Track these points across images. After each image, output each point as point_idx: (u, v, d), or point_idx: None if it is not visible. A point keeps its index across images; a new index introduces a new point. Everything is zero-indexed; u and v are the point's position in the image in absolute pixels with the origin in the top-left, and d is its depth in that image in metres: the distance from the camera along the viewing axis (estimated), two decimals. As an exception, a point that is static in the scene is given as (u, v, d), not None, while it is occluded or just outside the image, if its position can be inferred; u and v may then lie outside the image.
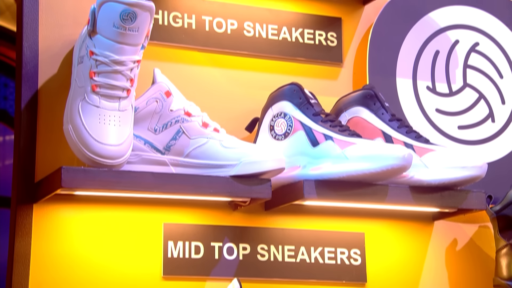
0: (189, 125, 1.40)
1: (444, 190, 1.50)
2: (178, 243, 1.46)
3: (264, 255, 1.51)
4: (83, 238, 1.41)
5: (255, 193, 1.39)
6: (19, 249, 1.37)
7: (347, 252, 1.55)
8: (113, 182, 1.31)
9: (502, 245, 1.56)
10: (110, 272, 1.42)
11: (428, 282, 1.60)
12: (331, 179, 1.43)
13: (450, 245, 1.64)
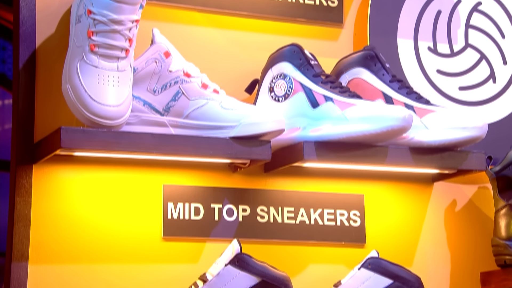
0: (189, 86, 1.39)
1: (444, 151, 1.50)
2: (178, 204, 1.46)
3: (264, 216, 1.51)
4: (83, 198, 1.41)
5: (255, 155, 1.39)
6: (19, 209, 1.37)
7: (347, 213, 1.56)
8: (112, 142, 1.31)
9: (501, 206, 1.56)
10: (110, 233, 1.42)
11: (427, 243, 1.60)
12: (331, 140, 1.42)
13: (449, 206, 1.64)
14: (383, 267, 1.42)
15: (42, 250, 1.38)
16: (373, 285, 1.41)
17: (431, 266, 1.60)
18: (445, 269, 1.61)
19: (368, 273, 1.42)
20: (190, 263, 1.46)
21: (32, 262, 1.37)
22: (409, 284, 1.42)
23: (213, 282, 1.33)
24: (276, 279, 1.34)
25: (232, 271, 1.33)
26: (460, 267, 1.62)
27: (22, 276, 1.35)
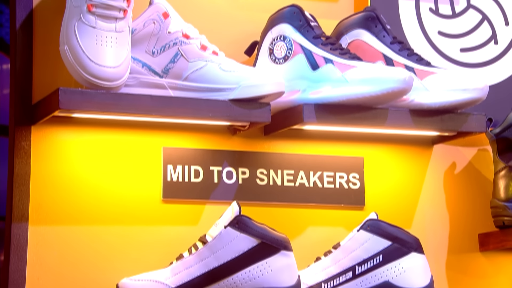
0: (188, 47, 1.38)
1: (445, 113, 1.49)
2: (177, 167, 1.46)
3: (263, 179, 1.51)
4: (82, 160, 1.41)
5: (254, 117, 1.38)
6: (19, 171, 1.37)
7: (346, 176, 1.56)
8: (111, 104, 1.30)
9: (500, 167, 1.56)
10: (110, 195, 1.42)
11: (426, 205, 1.61)
12: (330, 103, 1.42)
13: (449, 169, 1.64)
14: (382, 229, 1.42)
15: (42, 211, 1.38)
16: (372, 246, 1.42)
17: (429, 228, 1.61)
18: (443, 231, 1.62)
19: (367, 235, 1.42)
20: (189, 225, 1.46)
21: (32, 223, 1.37)
22: (407, 245, 1.42)
23: (213, 244, 1.34)
24: (275, 240, 1.34)
25: (232, 232, 1.34)
26: (458, 229, 1.63)
27: (23, 237, 1.35)
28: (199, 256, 1.33)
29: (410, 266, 1.41)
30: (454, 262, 1.61)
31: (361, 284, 1.41)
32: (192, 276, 1.33)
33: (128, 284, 1.32)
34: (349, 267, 1.41)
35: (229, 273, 1.32)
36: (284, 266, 1.34)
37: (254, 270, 1.32)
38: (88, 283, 1.38)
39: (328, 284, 1.41)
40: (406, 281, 1.41)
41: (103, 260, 1.40)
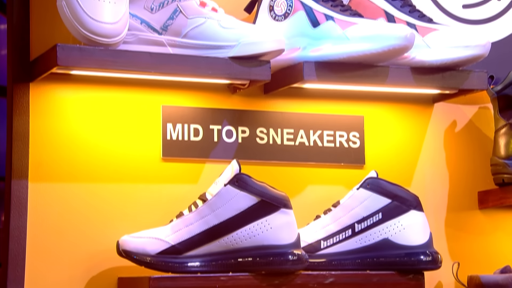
0: (187, 4, 1.37)
1: (446, 71, 1.48)
2: (177, 125, 1.46)
3: (263, 138, 1.51)
4: (81, 118, 1.41)
5: (254, 75, 1.38)
6: (18, 128, 1.37)
7: (346, 135, 1.55)
8: (110, 61, 1.29)
9: (501, 125, 1.56)
10: (109, 153, 1.42)
11: (426, 164, 1.61)
12: (331, 60, 1.41)
13: (449, 127, 1.64)
14: (382, 186, 1.42)
15: (41, 169, 1.38)
16: (372, 204, 1.42)
17: (429, 186, 1.61)
18: (443, 189, 1.62)
19: (367, 193, 1.42)
20: (189, 183, 1.46)
21: (32, 180, 1.37)
22: (407, 203, 1.42)
23: (213, 202, 1.34)
24: (275, 198, 1.34)
25: (232, 190, 1.34)
26: (458, 187, 1.63)
27: (23, 194, 1.36)
28: (199, 214, 1.33)
29: (409, 224, 1.41)
30: (453, 219, 1.62)
31: (360, 242, 1.41)
32: (192, 233, 1.33)
33: (128, 241, 1.33)
34: (348, 225, 1.42)
35: (229, 230, 1.33)
36: (284, 223, 1.34)
37: (254, 227, 1.33)
38: (88, 241, 1.39)
39: (327, 242, 1.41)
40: (405, 238, 1.41)
41: (103, 218, 1.40)
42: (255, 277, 1.33)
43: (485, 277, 1.51)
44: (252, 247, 1.32)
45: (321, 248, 1.41)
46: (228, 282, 1.31)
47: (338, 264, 1.40)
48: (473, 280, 1.52)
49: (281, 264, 1.32)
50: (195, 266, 1.32)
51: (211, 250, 1.32)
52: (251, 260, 1.32)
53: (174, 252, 1.32)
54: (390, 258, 1.41)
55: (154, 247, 1.32)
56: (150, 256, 1.32)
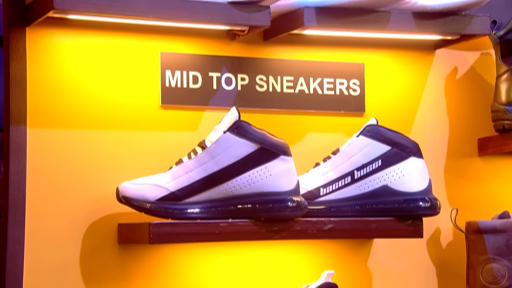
0: None
1: (448, 16, 1.47)
2: (175, 72, 1.45)
3: (263, 85, 1.50)
4: (79, 64, 1.40)
5: (254, 21, 1.36)
6: (15, 73, 1.36)
7: (346, 82, 1.54)
8: (106, 5, 1.28)
9: (503, 71, 1.55)
10: (107, 99, 1.41)
11: (426, 111, 1.60)
12: (332, 5, 1.39)
13: (451, 74, 1.63)
14: (382, 133, 1.42)
15: (40, 114, 1.37)
16: (371, 151, 1.41)
17: (429, 133, 1.60)
18: (443, 136, 1.61)
19: (367, 140, 1.42)
20: (188, 131, 1.46)
21: (30, 126, 1.37)
22: (406, 150, 1.42)
23: (212, 149, 1.33)
24: (275, 146, 1.34)
25: (231, 138, 1.33)
26: (458, 134, 1.62)
27: (21, 139, 1.35)
28: (199, 161, 1.33)
29: (409, 171, 1.41)
30: (452, 166, 1.61)
31: (359, 189, 1.41)
32: (192, 180, 1.33)
33: (128, 188, 1.32)
34: (348, 172, 1.42)
35: (229, 177, 1.32)
36: (283, 171, 1.34)
37: (253, 174, 1.32)
38: (88, 187, 1.39)
39: (327, 189, 1.41)
40: (404, 185, 1.41)
41: (102, 164, 1.40)
42: (255, 224, 1.33)
43: (483, 223, 1.51)
44: (252, 194, 1.32)
45: (321, 195, 1.41)
46: (227, 228, 1.32)
47: (337, 210, 1.40)
48: (471, 225, 1.53)
49: (281, 211, 1.32)
50: (195, 213, 1.32)
51: (211, 196, 1.32)
52: (251, 206, 1.32)
53: (174, 198, 1.32)
54: (389, 204, 1.41)
55: (153, 194, 1.32)
56: (150, 203, 1.32)
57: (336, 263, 1.51)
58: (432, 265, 1.58)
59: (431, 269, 1.58)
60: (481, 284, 1.49)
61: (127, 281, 1.40)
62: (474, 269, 1.51)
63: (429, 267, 1.58)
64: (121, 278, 1.39)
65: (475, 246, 1.51)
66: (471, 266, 1.52)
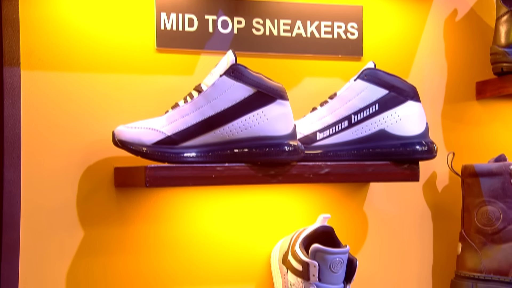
0: None
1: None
2: (171, 14, 1.43)
3: (259, 29, 1.48)
4: (73, 4, 1.38)
5: (250, -38, 1.34)
6: (7, 14, 1.33)
7: (344, 26, 1.53)
8: None
9: (503, 12, 1.53)
10: (102, 42, 1.40)
11: (424, 54, 1.59)
12: None
13: (450, 16, 1.61)
14: (379, 77, 1.41)
15: (33, 56, 1.36)
16: (369, 95, 1.41)
17: (427, 77, 1.59)
18: (441, 79, 1.60)
19: (364, 84, 1.41)
20: (184, 74, 1.44)
21: (24, 68, 1.35)
22: (404, 93, 1.41)
23: (208, 93, 1.32)
24: (271, 89, 1.33)
25: (227, 81, 1.32)
26: (456, 77, 1.61)
27: (15, 81, 1.34)
28: (195, 105, 1.32)
29: (406, 114, 1.41)
30: (450, 110, 1.61)
31: (356, 133, 1.41)
32: (188, 124, 1.32)
33: (123, 131, 1.32)
34: (345, 116, 1.41)
35: (225, 121, 1.32)
36: (280, 115, 1.33)
37: (250, 118, 1.32)
38: (84, 130, 1.38)
39: (323, 133, 1.41)
40: (401, 128, 1.41)
41: (97, 108, 1.39)
42: (251, 168, 1.33)
43: (479, 166, 1.51)
44: (248, 138, 1.32)
45: (317, 140, 1.40)
46: (224, 172, 1.31)
47: (333, 155, 1.40)
48: (467, 169, 1.53)
49: (277, 155, 1.32)
50: (191, 157, 1.31)
51: (207, 141, 1.32)
52: (247, 151, 1.32)
53: (170, 142, 1.32)
54: (385, 148, 1.40)
55: (149, 138, 1.31)
56: (146, 146, 1.31)
57: (332, 207, 1.51)
58: (427, 208, 1.59)
59: (427, 212, 1.59)
60: (475, 226, 1.50)
61: (124, 225, 1.40)
62: (469, 212, 1.51)
63: (424, 211, 1.58)
64: (118, 221, 1.40)
65: (470, 189, 1.52)
66: (466, 209, 1.53)
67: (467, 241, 1.51)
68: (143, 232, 1.41)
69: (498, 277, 1.47)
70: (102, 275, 1.38)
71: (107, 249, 1.38)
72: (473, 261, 1.49)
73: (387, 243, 1.55)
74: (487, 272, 1.48)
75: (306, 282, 1.36)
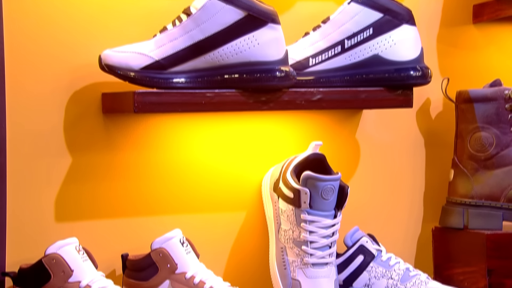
0: None
1: None
2: None
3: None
4: None
5: None
6: None
7: None
8: None
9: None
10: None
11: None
12: None
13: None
14: (374, 0, 1.38)
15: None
16: (363, 19, 1.38)
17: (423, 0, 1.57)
18: (437, 2, 1.57)
19: (358, 7, 1.38)
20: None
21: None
22: (399, 17, 1.38)
23: (197, 16, 1.29)
24: (262, 13, 1.30)
25: (217, 4, 1.29)
26: (453, 0, 1.58)
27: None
28: (184, 29, 1.29)
29: (401, 39, 1.38)
30: (445, 34, 1.58)
31: (349, 58, 1.39)
32: (177, 48, 1.29)
33: (111, 56, 1.29)
34: (338, 41, 1.39)
35: (215, 46, 1.29)
36: (271, 39, 1.30)
37: (241, 43, 1.29)
38: (69, 53, 1.35)
39: (316, 59, 1.39)
40: (396, 53, 1.38)
41: (83, 30, 1.36)
42: (242, 94, 1.31)
43: (474, 91, 1.50)
44: (239, 63, 1.29)
45: (310, 66, 1.38)
46: (214, 99, 1.30)
47: (326, 81, 1.38)
48: (461, 95, 1.52)
49: (268, 81, 1.30)
50: (181, 82, 1.29)
51: (197, 66, 1.30)
52: (238, 76, 1.30)
53: (159, 67, 1.29)
54: (379, 74, 1.39)
55: (137, 62, 1.29)
56: (134, 71, 1.29)
57: (324, 135, 1.51)
58: (420, 135, 1.58)
59: (419, 139, 1.58)
60: (468, 152, 1.50)
61: (113, 151, 1.39)
62: (463, 138, 1.51)
63: (417, 138, 1.58)
64: (106, 148, 1.38)
65: (464, 116, 1.51)
66: (459, 135, 1.52)
67: (459, 168, 1.51)
68: (132, 159, 1.40)
69: (490, 203, 1.47)
70: (91, 201, 1.38)
71: (96, 175, 1.38)
72: (464, 187, 1.50)
73: (379, 170, 1.56)
74: (479, 198, 1.48)
75: (297, 209, 1.36)
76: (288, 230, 1.37)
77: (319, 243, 1.35)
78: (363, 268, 1.41)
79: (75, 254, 1.26)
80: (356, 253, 1.42)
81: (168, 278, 1.31)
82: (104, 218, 1.38)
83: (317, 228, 1.35)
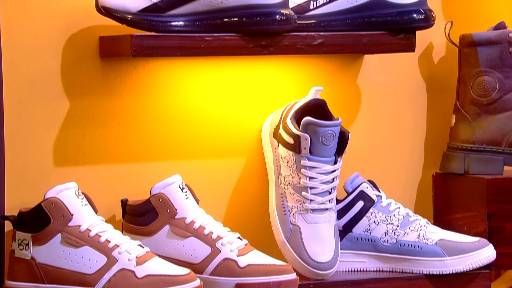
0: None
1: None
2: None
3: None
4: None
5: None
6: None
7: None
8: None
9: None
10: None
11: None
12: None
13: None
14: None
15: None
16: None
17: None
18: None
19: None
20: None
21: None
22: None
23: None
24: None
25: None
26: None
27: None
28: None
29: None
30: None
31: (351, 1, 1.37)
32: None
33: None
34: (340, -18, 1.37)
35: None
36: (272, -19, 1.28)
37: (240, -15, 1.27)
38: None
39: (317, 2, 1.36)
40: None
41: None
42: (242, 38, 1.29)
43: (477, 35, 1.48)
44: (238, 6, 1.27)
45: (311, 9, 1.36)
46: (213, 43, 1.28)
47: (327, 25, 1.36)
48: (465, 38, 1.50)
49: (268, 24, 1.28)
50: (179, 26, 1.28)
51: (196, 9, 1.28)
52: (237, 20, 1.28)
53: (157, 10, 1.27)
54: (381, 17, 1.37)
55: (135, 5, 1.27)
56: (132, 14, 1.27)
57: (325, 80, 1.49)
58: (422, 80, 1.57)
59: (421, 84, 1.57)
60: (471, 97, 1.49)
61: (110, 96, 1.37)
62: (465, 82, 1.50)
63: (419, 83, 1.57)
64: (104, 93, 1.37)
65: (467, 60, 1.49)
66: (462, 80, 1.51)
67: (461, 113, 1.50)
68: (131, 103, 1.39)
69: (491, 147, 1.47)
70: (90, 146, 1.37)
71: (95, 120, 1.37)
72: (466, 132, 1.49)
73: (380, 115, 1.54)
74: (480, 143, 1.48)
75: (297, 155, 1.35)
76: (288, 176, 1.36)
77: (319, 189, 1.35)
78: (363, 213, 1.41)
79: (74, 198, 1.25)
80: (356, 199, 1.41)
81: (167, 223, 1.31)
82: (103, 163, 1.38)
83: (317, 174, 1.35)
